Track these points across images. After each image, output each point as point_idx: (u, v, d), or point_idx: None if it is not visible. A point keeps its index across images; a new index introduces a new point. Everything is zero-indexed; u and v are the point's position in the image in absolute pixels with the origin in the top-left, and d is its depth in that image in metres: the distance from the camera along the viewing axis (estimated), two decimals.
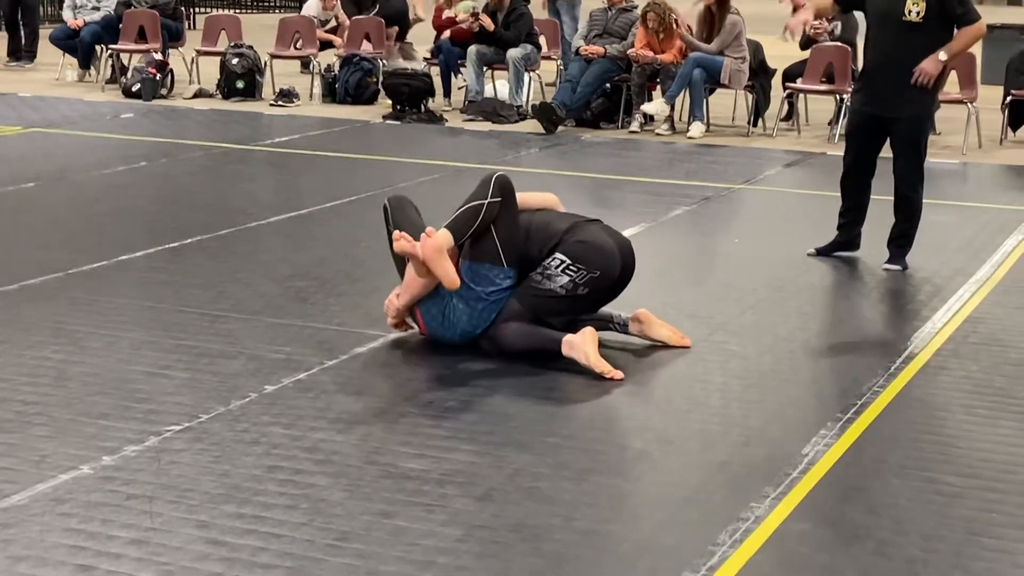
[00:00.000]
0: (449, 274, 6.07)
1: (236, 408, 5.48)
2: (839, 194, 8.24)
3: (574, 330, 6.07)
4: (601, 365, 5.93)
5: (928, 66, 7.67)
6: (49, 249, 8.07)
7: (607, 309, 6.46)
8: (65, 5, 16.69)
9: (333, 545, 4.29)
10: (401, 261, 6.36)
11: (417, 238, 6.08)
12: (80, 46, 16.44)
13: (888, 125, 7.88)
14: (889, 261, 7.97)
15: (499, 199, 6.19)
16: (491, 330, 6.20)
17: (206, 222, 8.88)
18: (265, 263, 7.93)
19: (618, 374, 5.93)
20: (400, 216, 6.40)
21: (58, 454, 4.95)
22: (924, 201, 8.03)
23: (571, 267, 6.19)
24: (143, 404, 5.49)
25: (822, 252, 8.22)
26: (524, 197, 6.46)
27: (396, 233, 6.14)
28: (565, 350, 6.01)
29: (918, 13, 7.63)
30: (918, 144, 7.94)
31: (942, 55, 7.68)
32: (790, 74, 13.69)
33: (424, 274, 6.12)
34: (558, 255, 6.22)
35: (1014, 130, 13.32)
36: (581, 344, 5.97)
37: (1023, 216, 9.59)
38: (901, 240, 8.00)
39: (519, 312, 6.19)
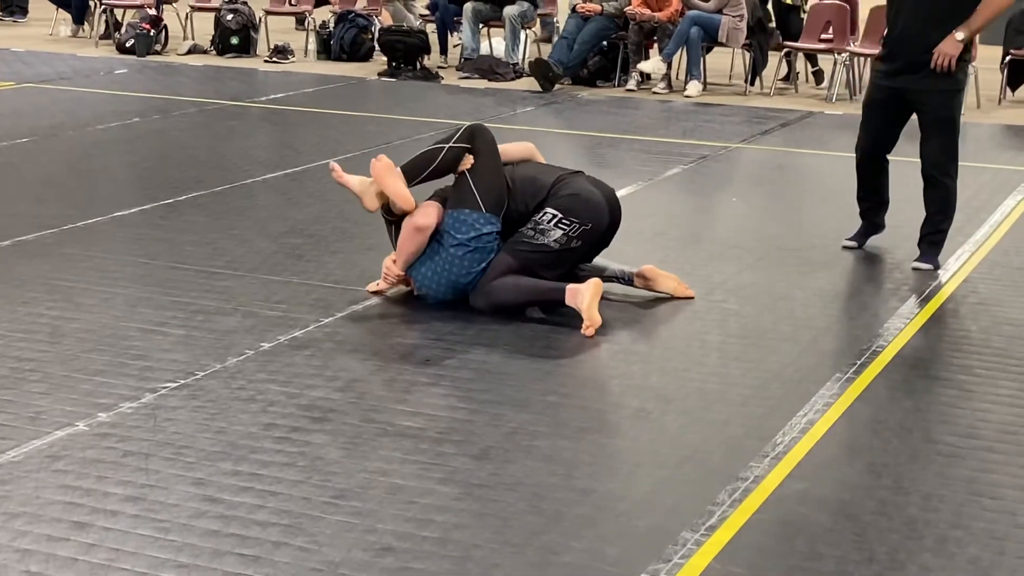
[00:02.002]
0: (400, 192, 6.20)
1: (232, 365, 5.44)
2: (856, 179, 7.48)
3: (576, 276, 6.06)
4: (590, 314, 5.92)
5: (947, 47, 6.85)
6: (43, 205, 8.02)
7: (613, 265, 6.45)
8: None
9: (330, 503, 4.27)
10: (393, 228, 6.36)
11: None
12: (74, 1, 16.35)
13: (916, 101, 7.04)
14: (919, 259, 7.15)
15: (465, 146, 6.26)
16: (485, 286, 6.17)
17: (200, 178, 8.83)
18: (260, 220, 7.89)
19: (590, 332, 5.90)
20: None
21: (53, 410, 4.92)
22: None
23: (563, 221, 6.17)
24: (139, 361, 5.45)
25: (857, 242, 7.47)
26: (503, 148, 6.45)
27: (332, 163, 6.50)
28: (569, 298, 5.99)
29: None
30: (950, 123, 7.05)
31: (960, 34, 6.85)
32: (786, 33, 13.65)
33: (372, 207, 6.31)
34: (549, 209, 6.20)
35: (1013, 90, 13.27)
36: (583, 291, 5.97)
37: (1022, 176, 9.56)
38: (934, 236, 7.17)
39: (512, 267, 6.16)
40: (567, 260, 6.22)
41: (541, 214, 6.21)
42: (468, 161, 6.27)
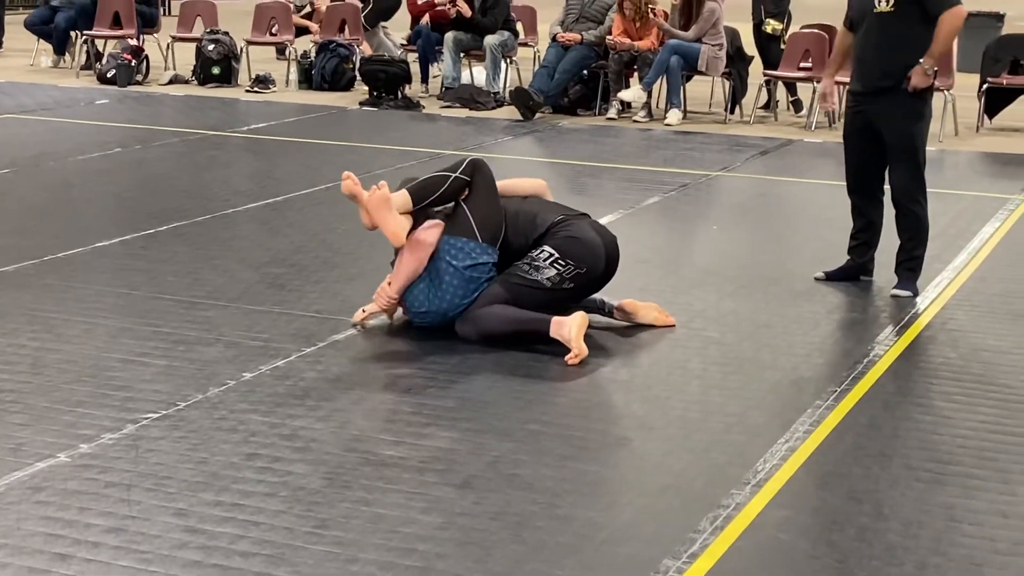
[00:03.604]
0: (392, 228, 6.18)
1: (214, 395, 5.44)
2: (849, 211, 7.45)
3: (565, 313, 6.08)
4: (578, 344, 5.94)
5: (916, 79, 6.95)
6: (23, 235, 8.01)
7: (595, 294, 6.48)
8: None
9: (312, 533, 4.27)
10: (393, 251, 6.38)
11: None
12: (55, 32, 16.36)
13: (880, 127, 7.11)
14: (898, 286, 7.17)
15: (468, 178, 6.27)
16: (471, 313, 6.18)
17: (182, 208, 8.83)
18: (241, 250, 7.89)
19: (575, 361, 5.93)
20: None
21: (35, 442, 4.91)
22: None
23: (559, 261, 6.20)
24: (120, 392, 5.45)
25: (831, 277, 7.38)
26: (513, 183, 6.54)
27: (346, 173, 6.32)
28: (554, 330, 6.01)
29: (888, 2, 6.95)
30: (913, 150, 7.11)
31: (926, 63, 6.93)
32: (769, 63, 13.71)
33: (369, 225, 6.24)
34: (547, 247, 6.23)
35: (990, 117, 13.34)
36: (569, 323, 6.00)
37: (1000, 203, 9.62)
38: (909, 263, 7.19)
39: (502, 297, 6.18)
40: (557, 300, 6.24)
41: (539, 251, 6.25)
42: (466, 191, 6.31)
